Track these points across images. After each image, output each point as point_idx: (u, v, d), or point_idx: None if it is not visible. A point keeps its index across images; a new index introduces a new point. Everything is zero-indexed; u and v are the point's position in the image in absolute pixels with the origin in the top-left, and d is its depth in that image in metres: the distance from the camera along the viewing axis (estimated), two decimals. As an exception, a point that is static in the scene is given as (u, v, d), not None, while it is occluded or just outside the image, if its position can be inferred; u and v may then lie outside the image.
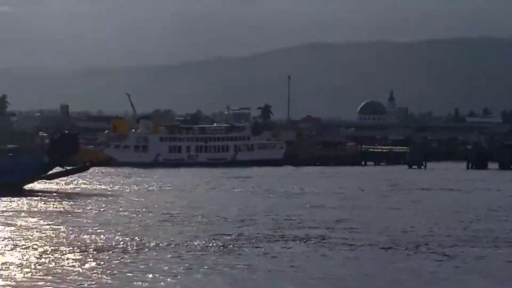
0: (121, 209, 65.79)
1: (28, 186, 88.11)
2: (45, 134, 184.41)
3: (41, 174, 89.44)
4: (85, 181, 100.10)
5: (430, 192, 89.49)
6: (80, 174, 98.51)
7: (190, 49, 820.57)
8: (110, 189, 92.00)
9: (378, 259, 40.69)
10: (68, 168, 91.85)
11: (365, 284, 35.19)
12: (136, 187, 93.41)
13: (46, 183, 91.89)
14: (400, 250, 43.28)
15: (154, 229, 52.31)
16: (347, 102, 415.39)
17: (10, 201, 72.45)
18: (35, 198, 77.89)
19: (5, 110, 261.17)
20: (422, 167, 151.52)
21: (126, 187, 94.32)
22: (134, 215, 60.72)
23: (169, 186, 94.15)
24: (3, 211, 63.69)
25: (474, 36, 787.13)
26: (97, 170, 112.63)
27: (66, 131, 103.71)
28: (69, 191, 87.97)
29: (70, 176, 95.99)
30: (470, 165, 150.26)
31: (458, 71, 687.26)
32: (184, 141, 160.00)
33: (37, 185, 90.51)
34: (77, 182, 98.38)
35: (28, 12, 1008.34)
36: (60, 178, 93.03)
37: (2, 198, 74.38)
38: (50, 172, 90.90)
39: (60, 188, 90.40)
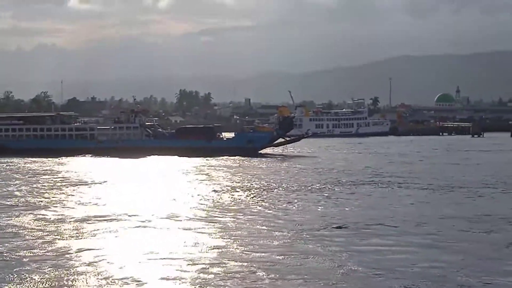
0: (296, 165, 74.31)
1: (262, 151, 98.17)
2: (238, 117, 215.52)
3: (271, 143, 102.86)
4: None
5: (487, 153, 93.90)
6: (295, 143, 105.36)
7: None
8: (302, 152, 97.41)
9: (430, 195, 43.76)
10: (287, 139, 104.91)
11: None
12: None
13: (273, 149, 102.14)
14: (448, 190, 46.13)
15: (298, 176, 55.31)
16: (427, 94, 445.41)
17: (249, 160, 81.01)
18: (264, 158, 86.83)
19: (209, 102, 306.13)
20: (481, 135, 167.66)
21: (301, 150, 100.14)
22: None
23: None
24: (239, 166, 72.60)
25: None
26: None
27: (287, 116, 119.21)
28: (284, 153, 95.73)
29: (289, 144, 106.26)
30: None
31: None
32: (325, 120, 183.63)
33: (267, 150, 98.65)
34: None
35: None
36: (282, 146, 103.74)
37: (246, 157, 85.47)
38: (276, 142, 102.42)
39: (282, 152, 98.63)
